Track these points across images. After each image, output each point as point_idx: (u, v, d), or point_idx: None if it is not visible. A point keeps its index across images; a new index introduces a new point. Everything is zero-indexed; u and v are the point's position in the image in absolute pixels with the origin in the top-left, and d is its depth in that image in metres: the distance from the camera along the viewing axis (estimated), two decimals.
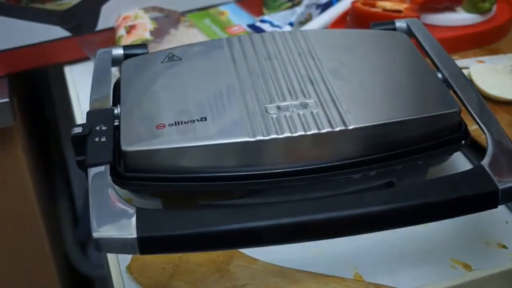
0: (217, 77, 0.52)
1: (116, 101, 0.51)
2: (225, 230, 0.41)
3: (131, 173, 0.46)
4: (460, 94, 0.50)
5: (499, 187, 0.42)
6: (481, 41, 0.72)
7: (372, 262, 0.48)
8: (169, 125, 0.47)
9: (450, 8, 0.74)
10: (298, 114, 0.48)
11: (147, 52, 0.58)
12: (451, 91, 0.51)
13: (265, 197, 0.49)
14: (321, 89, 0.50)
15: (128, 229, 0.40)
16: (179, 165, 0.46)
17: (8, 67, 0.75)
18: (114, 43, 0.73)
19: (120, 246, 0.40)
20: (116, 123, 0.48)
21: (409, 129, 0.48)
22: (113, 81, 0.54)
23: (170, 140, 0.46)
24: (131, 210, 0.41)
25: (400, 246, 0.49)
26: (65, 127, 1.01)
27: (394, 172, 0.49)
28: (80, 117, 0.68)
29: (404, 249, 0.49)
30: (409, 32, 0.58)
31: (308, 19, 0.77)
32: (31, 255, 0.88)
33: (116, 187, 0.44)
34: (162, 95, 0.51)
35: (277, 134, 0.46)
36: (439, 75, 0.52)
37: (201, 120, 0.47)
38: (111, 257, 0.50)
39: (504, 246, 0.49)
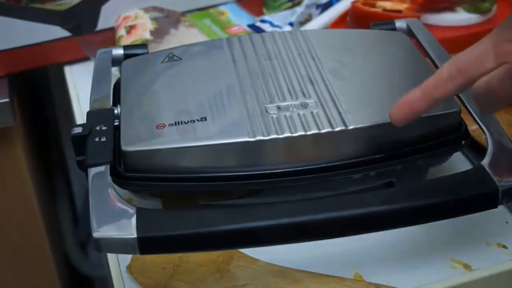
0: (217, 77, 0.52)
1: (116, 101, 0.51)
2: (225, 230, 0.41)
3: (131, 173, 0.46)
4: (460, 94, 0.50)
5: (499, 187, 0.42)
6: None
7: (372, 262, 0.48)
8: (169, 125, 0.47)
9: (450, 8, 0.73)
10: (298, 114, 0.48)
11: (147, 52, 0.58)
12: None
13: (265, 197, 0.49)
14: (321, 89, 0.50)
15: (128, 229, 0.40)
16: (179, 165, 0.46)
17: (8, 67, 0.75)
18: (114, 43, 0.73)
19: (120, 246, 0.40)
20: (116, 123, 0.48)
21: (409, 129, 0.48)
22: (113, 81, 0.54)
23: (170, 140, 0.46)
24: (131, 210, 0.41)
25: (400, 246, 0.49)
26: (65, 127, 1.01)
27: (394, 172, 0.49)
28: (80, 117, 0.68)
29: (404, 249, 0.49)
30: (409, 32, 0.58)
31: (308, 19, 0.77)
32: (31, 255, 0.88)
33: (116, 187, 0.44)
34: (162, 95, 0.51)
35: (277, 134, 0.46)
36: None
37: (201, 120, 0.47)
38: (111, 257, 0.50)
39: (504, 246, 0.49)
